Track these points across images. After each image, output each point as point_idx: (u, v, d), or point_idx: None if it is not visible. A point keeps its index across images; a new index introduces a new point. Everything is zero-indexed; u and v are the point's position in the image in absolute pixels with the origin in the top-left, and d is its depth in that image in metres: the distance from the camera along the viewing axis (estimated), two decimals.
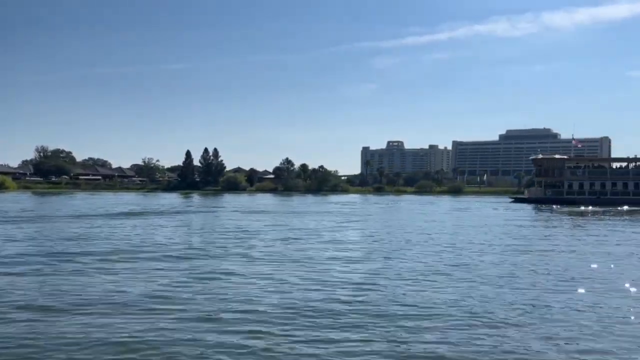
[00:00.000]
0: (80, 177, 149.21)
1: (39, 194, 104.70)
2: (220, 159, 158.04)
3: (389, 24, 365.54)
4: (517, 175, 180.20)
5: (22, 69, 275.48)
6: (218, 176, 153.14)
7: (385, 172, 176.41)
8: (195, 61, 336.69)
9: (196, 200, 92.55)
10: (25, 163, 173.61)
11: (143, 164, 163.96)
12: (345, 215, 52.40)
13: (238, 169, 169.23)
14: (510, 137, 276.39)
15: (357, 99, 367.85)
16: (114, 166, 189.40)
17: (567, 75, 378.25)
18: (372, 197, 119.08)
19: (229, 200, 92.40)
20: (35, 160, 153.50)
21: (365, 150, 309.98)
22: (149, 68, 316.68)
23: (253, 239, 29.17)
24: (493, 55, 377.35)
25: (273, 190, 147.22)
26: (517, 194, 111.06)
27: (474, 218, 50.10)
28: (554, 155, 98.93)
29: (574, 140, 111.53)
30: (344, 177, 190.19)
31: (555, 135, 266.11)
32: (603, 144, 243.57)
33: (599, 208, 69.07)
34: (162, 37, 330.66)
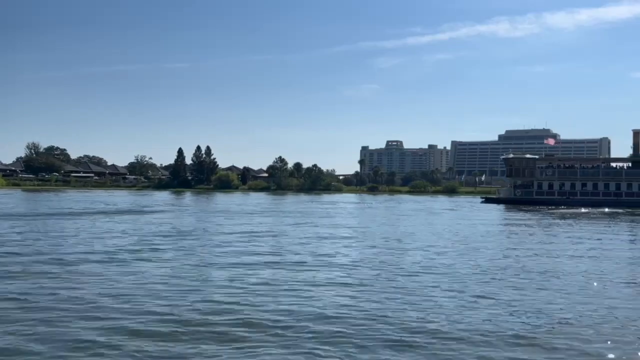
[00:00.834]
0: (71, 175, 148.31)
1: (26, 192, 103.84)
2: (212, 157, 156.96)
3: (391, 24, 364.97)
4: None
5: (21, 67, 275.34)
6: (210, 174, 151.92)
7: (380, 172, 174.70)
8: (195, 60, 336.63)
9: (174, 199, 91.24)
10: (18, 160, 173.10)
11: (136, 162, 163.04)
12: (302, 215, 50.61)
13: (231, 168, 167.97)
14: (509, 138, 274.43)
15: (358, 99, 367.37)
16: (111, 164, 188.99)
17: (568, 75, 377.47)
18: (366, 197, 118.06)
19: (210, 199, 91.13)
20: (26, 157, 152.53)
21: (364, 149, 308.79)
22: (149, 67, 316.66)
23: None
24: (494, 55, 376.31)
25: (266, 189, 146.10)
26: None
27: (419, 217, 48.70)
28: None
29: (548, 139, 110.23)
30: (342, 177, 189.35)
31: (554, 135, 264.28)
32: (602, 145, 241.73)
33: (566, 209, 67.22)
34: (162, 37, 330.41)
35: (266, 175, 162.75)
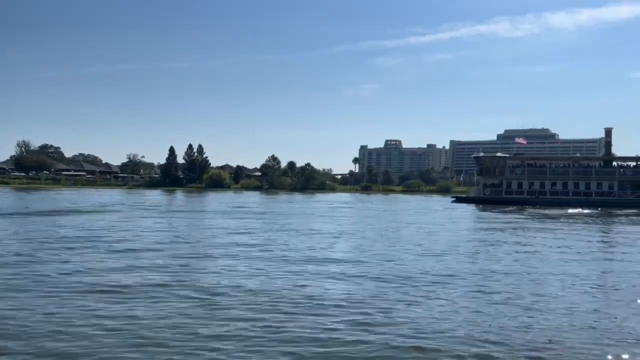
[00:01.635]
0: (62, 173, 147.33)
1: (12, 190, 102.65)
2: (205, 156, 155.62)
3: (392, 24, 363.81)
4: None
5: (20, 67, 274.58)
6: (202, 173, 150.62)
7: (374, 171, 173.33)
8: (195, 60, 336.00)
9: (152, 197, 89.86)
10: (11, 158, 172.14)
11: (128, 161, 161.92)
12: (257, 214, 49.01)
13: (225, 167, 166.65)
14: (508, 137, 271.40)
15: (358, 99, 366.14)
16: (105, 163, 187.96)
17: (568, 75, 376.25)
18: (359, 196, 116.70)
19: (190, 198, 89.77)
20: (16, 155, 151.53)
21: (363, 149, 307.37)
22: (148, 67, 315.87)
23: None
24: (495, 55, 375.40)
25: (258, 188, 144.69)
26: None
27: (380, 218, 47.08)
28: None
29: (519, 138, 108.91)
30: (340, 176, 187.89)
31: (553, 135, 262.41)
32: (601, 145, 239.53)
33: (533, 209, 65.36)
34: (162, 37, 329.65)
35: (259, 174, 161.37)
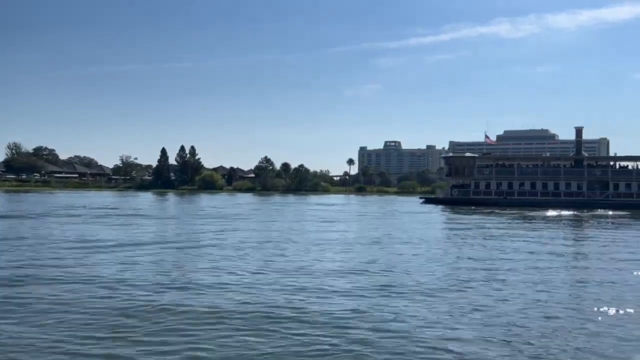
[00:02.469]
0: (53, 175, 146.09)
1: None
2: (197, 157, 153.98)
3: (393, 25, 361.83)
4: None
5: (20, 67, 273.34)
6: (195, 175, 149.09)
7: (369, 172, 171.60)
8: (195, 60, 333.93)
9: (135, 200, 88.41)
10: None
11: (121, 162, 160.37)
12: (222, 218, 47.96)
13: (218, 168, 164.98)
14: (507, 138, 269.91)
15: (359, 99, 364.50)
16: (99, 165, 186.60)
17: (569, 76, 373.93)
18: (353, 197, 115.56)
19: (171, 200, 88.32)
20: (6, 157, 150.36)
21: (362, 150, 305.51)
22: (148, 67, 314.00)
23: None
24: (496, 56, 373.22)
25: (251, 189, 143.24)
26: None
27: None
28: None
29: (487, 137, 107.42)
30: (338, 178, 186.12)
31: (552, 135, 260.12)
32: (601, 145, 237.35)
33: (499, 209, 63.61)
34: (162, 37, 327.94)
35: (253, 175, 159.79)
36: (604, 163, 78.98)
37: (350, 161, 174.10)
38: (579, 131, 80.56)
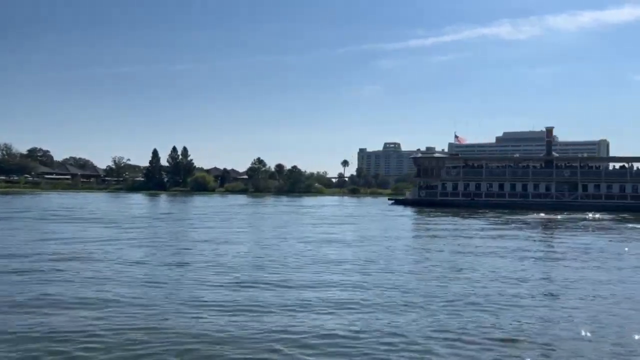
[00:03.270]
0: (44, 177, 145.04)
1: None
2: (189, 158, 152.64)
3: (394, 27, 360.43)
4: None
5: (20, 68, 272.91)
6: (187, 176, 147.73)
7: (363, 174, 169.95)
8: (197, 62, 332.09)
9: (122, 202, 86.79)
10: None
11: (113, 164, 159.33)
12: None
13: (211, 170, 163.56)
14: (506, 140, 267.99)
15: (359, 100, 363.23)
16: (92, 166, 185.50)
17: (570, 77, 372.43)
18: (347, 199, 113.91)
19: (155, 202, 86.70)
20: None
21: (362, 151, 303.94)
22: (147, 68, 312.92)
23: None
24: (497, 57, 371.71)
25: (244, 191, 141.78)
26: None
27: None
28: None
29: (458, 137, 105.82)
30: (335, 179, 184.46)
31: (553, 137, 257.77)
32: (601, 147, 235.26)
33: (465, 211, 61.99)
34: (162, 38, 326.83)
35: (246, 177, 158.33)
36: (574, 164, 77.31)
37: (344, 162, 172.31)
38: (549, 131, 79.46)
